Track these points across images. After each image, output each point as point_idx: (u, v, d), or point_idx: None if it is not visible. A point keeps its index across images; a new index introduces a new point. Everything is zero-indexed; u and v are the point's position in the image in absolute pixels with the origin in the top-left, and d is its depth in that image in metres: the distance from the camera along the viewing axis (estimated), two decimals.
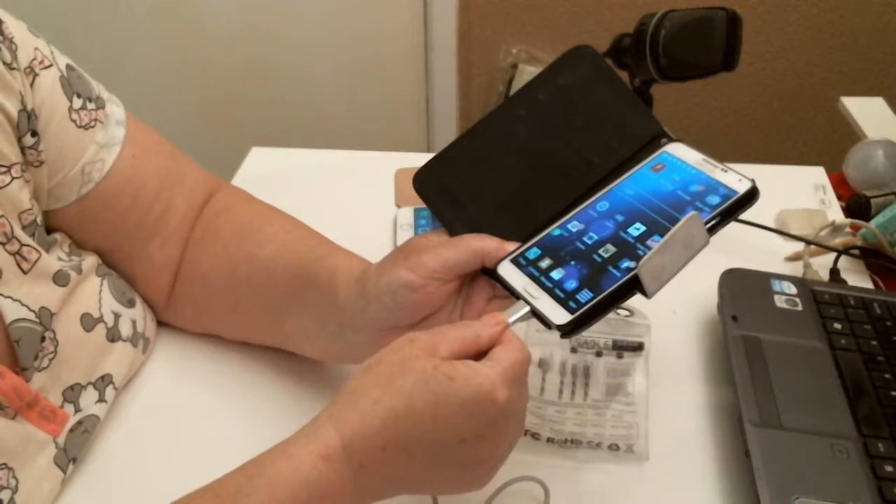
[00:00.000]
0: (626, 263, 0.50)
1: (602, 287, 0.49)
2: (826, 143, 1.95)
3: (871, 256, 0.80)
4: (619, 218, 0.53)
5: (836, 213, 0.88)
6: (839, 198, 0.90)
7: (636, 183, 0.55)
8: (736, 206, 0.51)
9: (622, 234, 0.52)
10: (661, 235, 0.50)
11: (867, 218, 0.85)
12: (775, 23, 1.85)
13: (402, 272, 0.54)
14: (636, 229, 0.52)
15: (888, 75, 1.89)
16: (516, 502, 0.58)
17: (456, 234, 0.56)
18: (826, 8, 1.83)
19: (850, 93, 1.14)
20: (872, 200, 0.86)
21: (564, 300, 0.50)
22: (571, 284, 0.51)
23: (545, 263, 0.53)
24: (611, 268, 0.50)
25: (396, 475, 0.47)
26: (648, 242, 0.51)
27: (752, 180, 0.51)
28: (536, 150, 0.59)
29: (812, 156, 1.38)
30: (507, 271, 0.53)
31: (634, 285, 0.49)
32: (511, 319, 0.50)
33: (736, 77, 0.98)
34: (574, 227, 0.54)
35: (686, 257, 0.49)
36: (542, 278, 0.52)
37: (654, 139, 0.57)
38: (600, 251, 0.52)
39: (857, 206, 0.87)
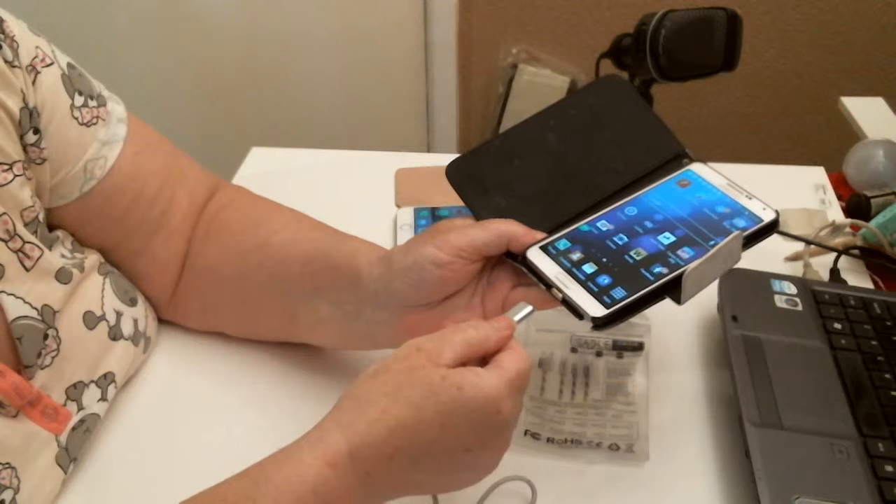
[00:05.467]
0: (658, 269, 0.53)
1: (637, 287, 0.52)
2: (826, 143, 1.95)
3: (871, 256, 0.81)
4: (648, 225, 0.56)
5: (836, 213, 0.88)
6: (839, 198, 0.90)
7: (663, 194, 0.58)
8: (761, 233, 0.54)
9: (653, 240, 0.55)
10: (691, 247, 0.54)
11: (867, 218, 0.85)
12: (775, 23, 1.85)
13: (429, 248, 0.55)
14: (666, 238, 0.55)
15: (888, 75, 1.89)
16: (507, 499, 0.58)
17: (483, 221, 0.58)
18: (826, 8, 1.83)
19: (850, 93, 1.14)
20: (872, 200, 0.86)
21: (598, 294, 0.52)
22: (605, 280, 0.53)
23: (576, 256, 0.55)
24: (643, 270, 0.53)
25: (401, 481, 0.48)
26: (679, 252, 0.54)
27: (777, 211, 0.55)
28: (564, 155, 0.62)
29: (812, 156, 1.37)
30: (537, 258, 0.55)
31: (667, 290, 0.52)
32: (517, 318, 0.51)
33: (736, 77, 0.98)
34: (603, 225, 0.57)
35: (720, 271, 0.53)
36: (574, 270, 0.54)
37: (676, 157, 0.60)
38: (632, 253, 0.54)
39: (857, 206, 0.87)
